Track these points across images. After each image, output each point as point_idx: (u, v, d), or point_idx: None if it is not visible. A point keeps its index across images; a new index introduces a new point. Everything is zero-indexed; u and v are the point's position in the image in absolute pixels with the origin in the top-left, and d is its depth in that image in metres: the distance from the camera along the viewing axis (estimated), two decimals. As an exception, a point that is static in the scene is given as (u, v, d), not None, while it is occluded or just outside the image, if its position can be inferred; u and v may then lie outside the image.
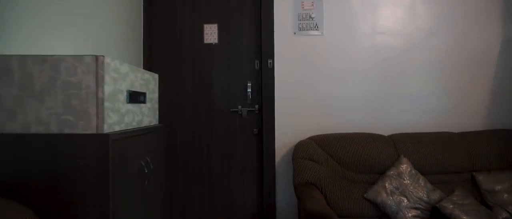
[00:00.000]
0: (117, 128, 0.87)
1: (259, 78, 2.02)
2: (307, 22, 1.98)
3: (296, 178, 1.71)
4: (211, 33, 2.04)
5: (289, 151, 1.98)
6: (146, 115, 1.11)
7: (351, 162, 1.75)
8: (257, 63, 2.03)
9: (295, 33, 1.98)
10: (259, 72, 2.02)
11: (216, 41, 2.04)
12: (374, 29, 1.99)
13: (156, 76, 1.21)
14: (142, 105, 1.07)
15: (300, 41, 1.98)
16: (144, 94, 1.08)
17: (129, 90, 0.95)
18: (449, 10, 1.98)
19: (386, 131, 1.95)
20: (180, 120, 2.05)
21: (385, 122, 1.99)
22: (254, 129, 2.03)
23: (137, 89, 1.02)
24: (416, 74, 2.00)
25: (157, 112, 1.23)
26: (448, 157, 1.76)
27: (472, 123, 1.98)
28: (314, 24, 1.98)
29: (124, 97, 0.92)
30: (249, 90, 1.98)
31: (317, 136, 1.85)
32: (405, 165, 1.72)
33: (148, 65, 2.02)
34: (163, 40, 2.06)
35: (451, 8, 1.98)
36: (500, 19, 1.98)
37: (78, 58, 0.79)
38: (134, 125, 1.00)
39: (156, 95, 1.22)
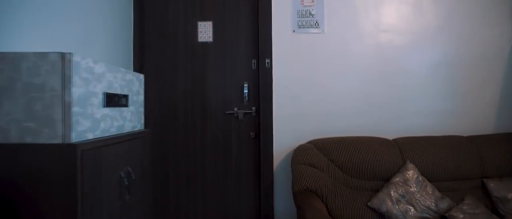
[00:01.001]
0: (90, 136, 0.76)
1: (256, 79, 1.91)
2: (307, 19, 1.87)
3: (295, 185, 1.60)
4: (205, 31, 1.93)
5: (288, 156, 1.87)
6: (129, 119, 1.00)
7: (354, 168, 1.64)
8: (254, 63, 1.92)
9: (294, 31, 1.87)
10: (256, 72, 1.91)
11: (210, 39, 1.93)
12: (377, 27, 1.88)
13: (141, 76, 1.10)
14: (124, 109, 0.96)
15: (300, 39, 1.87)
16: (126, 96, 0.97)
17: (107, 93, 0.84)
18: (457, 6, 1.87)
19: (390, 135, 1.84)
20: (172, 123, 1.94)
21: (389, 124, 1.88)
22: (251, 133, 1.92)
23: (117, 91, 0.91)
24: (422, 74, 1.89)
25: (143, 116, 1.12)
26: (457, 163, 1.66)
27: (482, 126, 1.88)
28: (315, 22, 1.87)
29: (99, 100, 0.81)
30: (245, 91, 1.87)
31: (318, 140, 1.75)
32: (411, 171, 1.62)
33: (139, 65, 1.91)
34: (154, 39, 1.95)
35: (459, 5, 1.87)
36: (511, 16, 1.87)
37: (42, 55, 0.68)
38: (113, 131, 0.89)
39: (142, 97, 1.11)
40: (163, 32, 1.95)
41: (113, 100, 0.88)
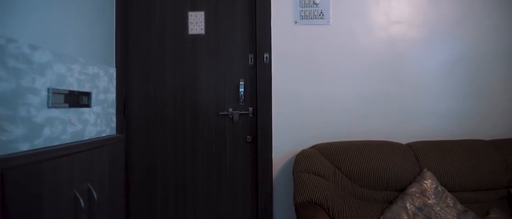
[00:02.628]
0: (24, 147, 0.56)
1: (254, 76, 1.71)
2: (310, 9, 1.67)
3: (297, 196, 1.41)
4: (196, 23, 1.73)
5: (289, 162, 1.67)
6: (92, 123, 0.80)
7: (363, 177, 1.46)
8: (251, 58, 1.72)
9: (296, 22, 1.68)
10: (253, 69, 1.71)
11: (202, 31, 1.73)
12: (389, 18, 1.69)
13: (112, 70, 0.90)
14: (84, 110, 0.75)
15: (302, 31, 1.67)
16: (87, 94, 0.76)
17: (53, 89, 0.64)
18: (477, -4, 1.68)
19: (403, 139, 1.65)
20: (159, 125, 1.74)
21: (402, 127, 1.69)
22: (247, 136, 1.72)
23: (73, 87, 0.71)
24: (438, 71, 1.70)
25: (114, 119, 0.91)
26: (480, 170, 1.50)
27: (506, 129, 1.69)
28: (319, 12, 1.67)
29: (42, 99, 0.60)
30: (241, 89, 1.68)
31: (322, 144, 1.57)
32: (429, 180, 1.44)
33: (122, 61, 1.70)
34: (140, 31, 1.75)
35: (480, -6, 1.68)
36: (538, 6, 1.68)
37: None
38: (66, 139, 0.68)
39: (113, 96, 0.91)
40: (149, 23, 1.75)
41: (67, 99, 0.67)
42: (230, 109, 1.73)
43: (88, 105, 0.77)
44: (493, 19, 1.70)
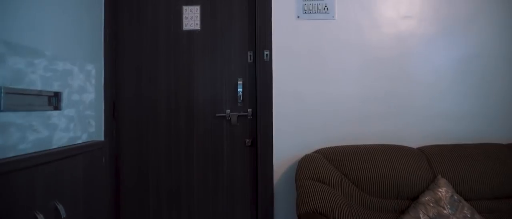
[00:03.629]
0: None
1: (253, 75, 1.60)
2: (314, 3, 1.56)
3: (301, 206, 1.31)
4: (191, 17, 1.61)
5: (291, 168, 1.56)
6: (63, 129, 0.68)
7: (372, 184, 1.37)
8: (250, 56, 1.61)
9: (298, 17, 1.56)
10: (252, 67, 1.60)
11: (198, 27, 1.61)
12: (398, 12, 1.58)
13: (90, 67, 0.78)
14: (53, 113, 0.63)
15: (305, 27, 1.56)
16: (56, 94, 0.64)
17: (7, 88, 0.51)
18: (493, -11, 1.57)
19: (414, 142, 1.54)
20: (152, 128, 1.62)
21: (412, 129, 1.59)
22: (247, 140, 1.60)
23: (36, 86, 0.59)
24: (451, 70, 1.59)
25: (93, 122, 0.79)
26: (498, 177, 1.43)
27: (524, 131, 1.57)
28: (323, 6, 1.56)
29: (-11, 100, 0.48)
30: (239, 89, 1.56)
31: (327, 148, 1.47)
32: (444, 188, 1.33)
33: (111, 58, 1.58)
34: (130, 26, 1.63)
35: (496, -13, 1.57)
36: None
37: None
38: (26, 149, 0.56)
39: (91, 96, 0.78)
40: (140, 17, 1.63)
41: (27, 100, 0.55)
42: (228, 111, 1.61)
43: (57, 108, 0.65)
44: (508, 15, 1.59)
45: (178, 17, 1.63)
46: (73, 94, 0.72)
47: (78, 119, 0.75)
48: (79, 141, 0.76)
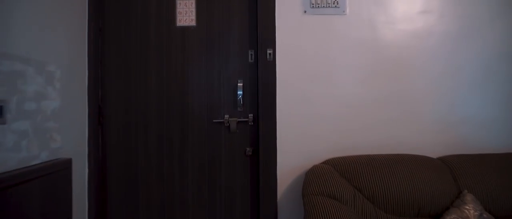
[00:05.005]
0: None
1: (254, 76, 1.44)
2: (322, -4, 1.40)
3: (309, 226, 1.13)
4: (186, 12, 1.45)
5: (297, 181, 1.40)
6: (11, 148, 0.51)
7: (390, 200, 1.23)
8: (251, 55, 1.45)
9: (305, 12, 1.40)
10: (254, 67, 1.44)
11: (193, 23, 1.45)
12: (415, 7, 1.44)
13: (53, 67, 0.62)
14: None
15: (313, 23, 1.41)
16: (-3, 104, 0.47)
17: None
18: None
19: (434, 151, 1.40)
20: (141, 135, 1.46)
21: (432, 137, 1.44)
22: (247, 148, 1.44)
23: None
24: (474, 70, 1.44)
25: (58, 137, 0.62)
26: None
27: (557, 140, 1.42)
28: (333, 0, 1.40)
29: None
30: (239, 92, 1.40)
31: (338, 159, 1.33)
32: (471, 205, 1.19)
33: (96, 58, 1.42)
34: (118, 21, 1.47)
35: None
36: None
37: None
38: None
39: (54, 104, 0.62)
40: (129, 12, 1.47)
41: None
42: (226, 116, 1.44)
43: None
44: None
45: (171, 12, 1.46)
46: (26, 102, 0.56)
47: (34, 134, 0.59)
48: (35, 162, 0.59)
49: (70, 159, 0.65)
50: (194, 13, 1.46)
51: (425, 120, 1.43)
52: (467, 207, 1.16)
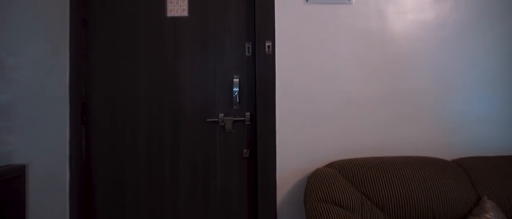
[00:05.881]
0: None
1: (252, 71, 1.33)
2: (326, -16, 1.28)
3: (312, 237, 1.02)
4: (177, 1, 1.34)
5: (298, 185, 1.29)
6: None
7: (401, 208, 1.13)
8: (248, 48, 1.33)
9: (307, 1, 1.30)
10: (251, 62, 1.33)
11: (185, 13, 1.34)
12: (428, -5, 1.31)
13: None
14: None
15: (316, 12, 1.30)
16: None
17: None
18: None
19: (447, 153, 1.29)
20: (129, 136, 1.34)
21: (445, 138, 1.33)
22: (244, 150, 1.32)
23: None
24: (492, 66, 1.33)
25: (9, 138, 0.51)
26: None
27: None
28: (337, -13, 1.28)
29: None
30: (235, 89, 1.29)
31: (343, 161, 1.23)
32: (492, 213, 1.10)
33: (79, 51, 1.30)
34: (103, 12, 1.34)
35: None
36: None
37: None
38: None
39: (4, 98, 0.50)
40: (115, 2, 1.35)
41: None
42: (221, 115, 1.32)
43: None
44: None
45: (161, 1, 1.34)
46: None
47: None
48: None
49: (25, 165, 0.54)
50: (186, 2, 1.34)
51: (437, 119, 1.31)
52: (488, 216, 1.05)
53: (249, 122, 1.34)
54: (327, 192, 1.09)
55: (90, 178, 1.34)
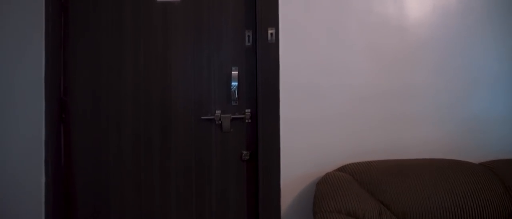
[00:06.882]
0: None
1: (253, 62, 1.21)
2: (336, -37, 1.14)
3: (324, 254, 0.88)
4: (168, -16, 1.19)
5: (305, 192, 1.16)
6: None
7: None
8: (248, 36, 1.19)
9: (315, -18, 1.14)
10: (251, 52, 1.20)
11: (177, -3, 1.19)
12: (452, -24, 1.16)
13: None
14: None
15: (325, -4, 1.14)
16: None
17: None
18: None
19: (473, 155, 1.16)
20: (114, 136, 1.21)
21: (469, 138, 1.19)
22: (243, 152, 1.19)
23: None
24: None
25: None
26: None
27: None
28: (350, -33, 1.14)
29: None
30: (234, 82, 1.16)
31: (357, 165, 1.12)
32: None
33: (56, 40, 1.15)
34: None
35: None
36: None
37: None
38: None
39: None
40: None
41: None
42: (218, 112, 1.18)
43: None
44: None
45: (149, -16, 1.19)
46: None
47: None
48: None
49: None
50: (178, -15, 1.19)
51: (461, 117, 1.17)
52: (527, 228, 0.91)
53: (250, 120, 1.20)
54: (340, 201, 0.95)
55: (69, 183, 1.19)
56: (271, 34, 1.14)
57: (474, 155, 1.13)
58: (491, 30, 1.17)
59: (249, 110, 1.20)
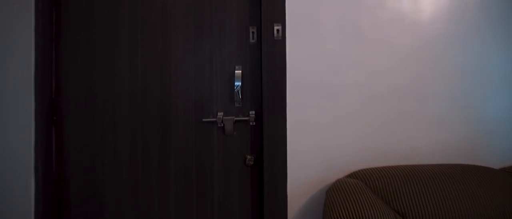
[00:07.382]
0: None
1: (257, 60, 1.12)
2: (348, -46, 1.06)
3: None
4: (167, -24, 1.11)
5: (314, 199, 1.07)
6: None
7: None
8: (253, 33, 1.11)
9: (325, -25, 1.06)
10: (256, 49, 1.11)
11: (176, -9, 1.11)
12: (471, -31, 1.08)
13: None
14: None
15: (335, -11, 1.06)
16: None
17: None
18: None
19: (493, 160, 1.07)
20: (110, 139, 1.12)
21: (492, 141, 1.10)
22: (248, 156, 1.10)
23: None
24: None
25: None
26: None
27: None
28: (362, -42, 1.06)
29: None
30: (237, 82, 1.07)
31: (369, 170, 1.04)
32: None
33: (46, 36, 1.07)
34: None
35: None
36: None
37: None
38: None
39: None
40: (91, -23, 1.12)
41: None
42: (220, 114, 1.10)
43: None
44: None
45: (147, -23, 1.11)
46: None
47: None
48: None
49: None
50: (177, -22, 1.11)
51: (481, 119, 1.09)
52: (555, 240, 0.83)
53: (254, 123, 1.11)
54: (352, 209, 0.88)
55: (61, 189, 1.11)
56: (278, 30, 1.06)
57: (495, 160, 1.06)
58: (512, 26, 1.10)
59: (254, 112, 1.11)
